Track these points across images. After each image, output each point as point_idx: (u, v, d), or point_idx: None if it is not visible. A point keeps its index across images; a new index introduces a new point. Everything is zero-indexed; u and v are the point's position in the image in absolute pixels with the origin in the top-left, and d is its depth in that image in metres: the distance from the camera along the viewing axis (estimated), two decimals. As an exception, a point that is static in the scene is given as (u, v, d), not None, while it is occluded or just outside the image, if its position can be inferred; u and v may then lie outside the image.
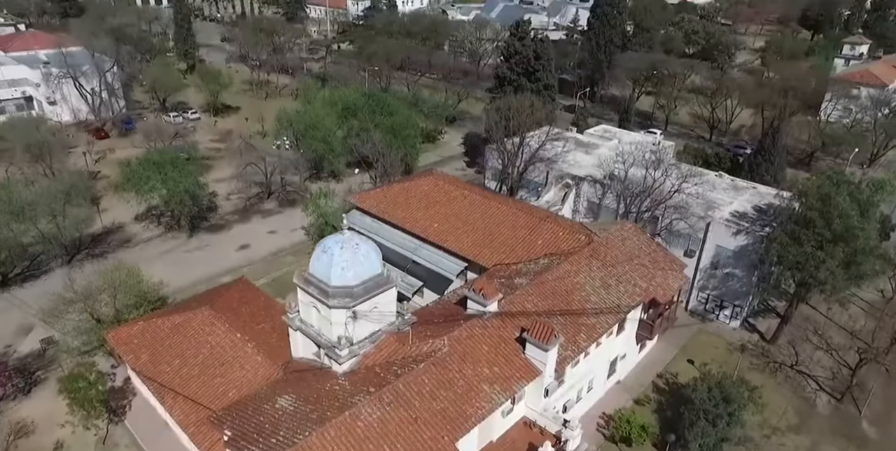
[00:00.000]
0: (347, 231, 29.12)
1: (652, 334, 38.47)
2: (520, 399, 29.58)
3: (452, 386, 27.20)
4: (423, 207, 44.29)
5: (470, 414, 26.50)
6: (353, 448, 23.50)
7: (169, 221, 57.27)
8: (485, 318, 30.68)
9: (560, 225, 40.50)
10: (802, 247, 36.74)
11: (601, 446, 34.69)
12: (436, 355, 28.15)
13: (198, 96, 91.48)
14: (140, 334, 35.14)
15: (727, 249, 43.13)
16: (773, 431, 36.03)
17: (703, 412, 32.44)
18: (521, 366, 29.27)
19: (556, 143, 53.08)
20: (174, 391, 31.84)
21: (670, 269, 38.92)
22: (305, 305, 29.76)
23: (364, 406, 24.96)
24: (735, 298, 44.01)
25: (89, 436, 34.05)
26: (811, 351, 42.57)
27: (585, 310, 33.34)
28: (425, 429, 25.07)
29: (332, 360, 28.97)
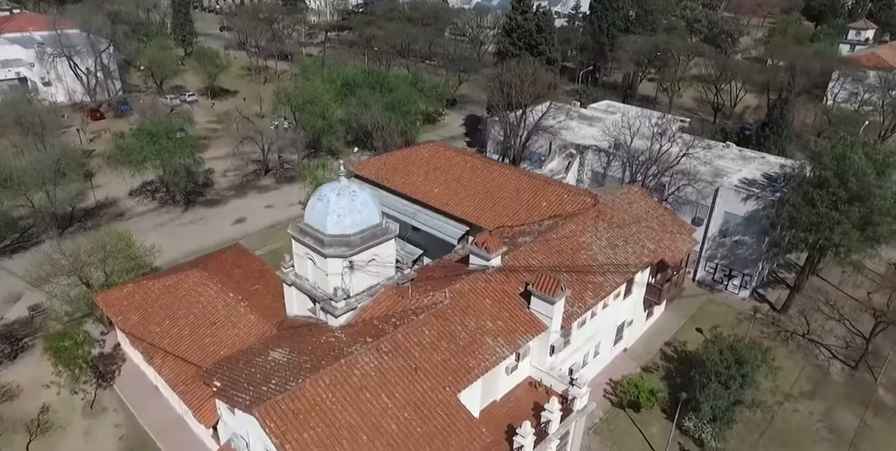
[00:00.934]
0: (345, 179, 27.90)
1: (660, 298, 37.18)
2: (524, 356, 28.29)
3: (454, 338, 25.92)
4: (423, 173, 43.02)
5: (472, 366, 25.23)
6: (349, 397, 22.22)
7: (164, 196, 56.05)
8: (488, 272, 29.42)
9: (564, 188, 39.26)
10: (816, 208, 35.47)
11: (608, 411, 33.41)
12: (436, 307, 26.90)
13: (195, 80, 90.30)
14: (130, 296, 33.89)
15: (736, 215, 41.85)
16: (785, 397, 34.75)
17: (715, 373, 31.12)
18: (526, 320, 28.00)
19: (559, 115, 51.97)
20: (164, 350, 30.62)
21: (679, 232, 37.67)
22: (300, 257, 28.51)
23: (361, 355, 23.69)
24: (744, 266, 42.73)
25: (76, 401, 32.77)
26: (823, 321, 41.39)
27: (592, 268, 32.09)
28: (425, 379, 23.80)
29: (327, 314, 27.71)
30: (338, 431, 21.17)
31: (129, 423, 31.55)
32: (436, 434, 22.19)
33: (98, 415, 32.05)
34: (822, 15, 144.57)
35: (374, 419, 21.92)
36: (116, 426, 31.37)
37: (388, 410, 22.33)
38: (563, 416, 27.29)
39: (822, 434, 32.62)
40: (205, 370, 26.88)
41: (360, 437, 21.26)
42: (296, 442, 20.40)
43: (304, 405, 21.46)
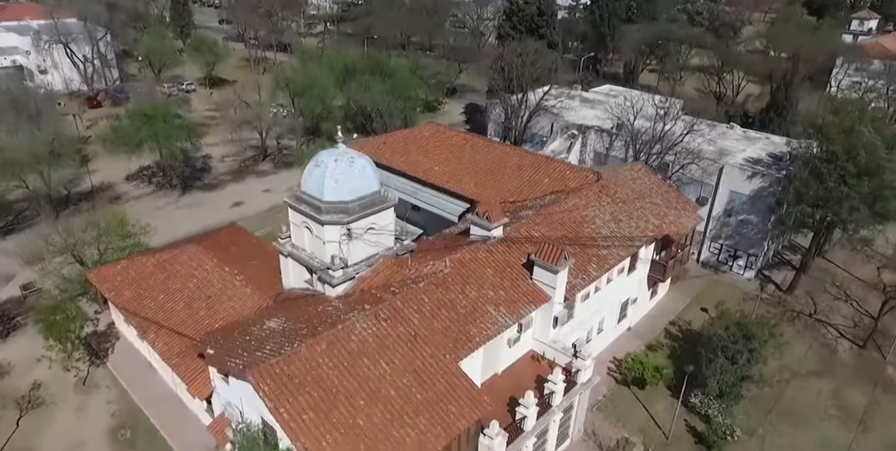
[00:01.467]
0: (342, 145, 27.20)
1: (665, 275, 36.48)
2: (527, 327, 27.58)
3: (454, 306, 25.21)
4: (423, 152, 42.33)
5: (474, 334, 24.52)
6: (346, 362, 21.52)
7: (161, 180, 55.42)
8: (489, 243, 28.73)
9: (566, 165, 38.68)
10: (824, 183, 34.77)
11: (612, 388, 32.69)
12: (437, 276, 26.19)
13: (193, 69, 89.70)
14: (123, 272, 33.15)
15: (741, 194, 41.13)
16: (793, 375, 34.02)
17: (722, 348, 30.41)
18: (529, 291, 27.29)
19: (561, 96, 51.32)
20: (157, 324, 29.89)
21: (684, 209, 36.96)
22: (297, 227, 27.82)
23: (359, 321, 22.97)
24: (750, 246, 42.01)
25: (68, 378, 32.08)
26: (830, 301, 40.76)
27: (595, 241, 31.37)
28: (425, 346, 23.08)
29: (324, 284, 27.02)
30: (334, 396, 20.47)
31: (122, 399, 30.85)
32: (436, 401, 21.48)
33: (90, 392, 31.35)
34: (824, 8, 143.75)
35: (371, 384, 21.21)
36: (109, 403, 30.67)
37: (386, 376, 21.63)
38: (567, 389, 26.64)
39: (831, 412, 31.90)
40: (199, 340, 26.20)
41: (358, 402, 20.55)
42: (290, 406, 19.70)
43: (299, 370, 20.76)
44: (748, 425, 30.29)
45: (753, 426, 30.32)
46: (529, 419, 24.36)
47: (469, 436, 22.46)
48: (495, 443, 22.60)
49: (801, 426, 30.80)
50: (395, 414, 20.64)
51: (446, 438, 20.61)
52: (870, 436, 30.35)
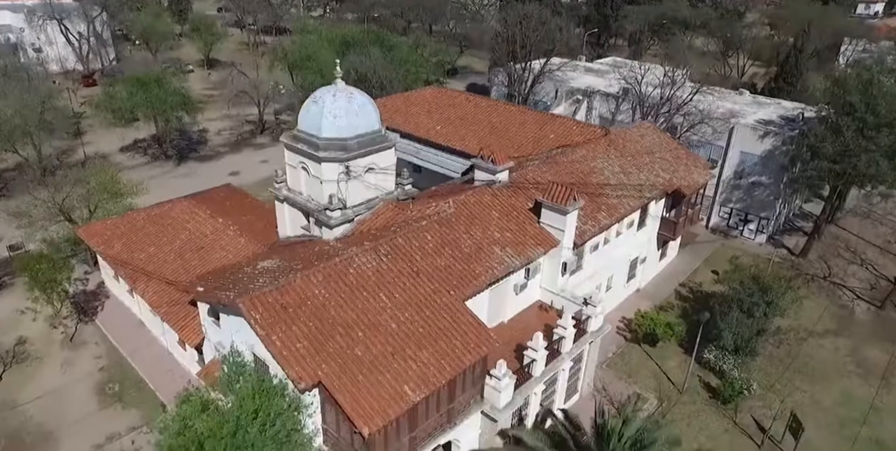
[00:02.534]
0: (341, 81, 25.94)
1: (675, 233, 35.21)
2: (534, 273, 26.27)
3: (458, 245, 23.93)
4: (424, 112, 41.08)
5: (479, 273, 23.23)
6: (344, 294, 20.23)
7: (156, 151, 54.18)
8: (495, 187, 27.46)
9: (572, 121, 37.54)
10: (841, 136, 33.49)
11: (622, 346, 31.40)
12: (440, 215, 24.93)
13: (192, 51, 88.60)
14: (113, 227, 31.84)
15: (753, 155, 39.83)
16: (809, 333, 32.72)
17: (738, 301, 29.15)
18: (536, 234, 26.00)
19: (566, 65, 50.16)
20: (147, 274, 28.61)
21: (694, 165, 35.69)
22: (293, 168, 26.58)
23: (357, 256, 21.69)
24: (761, 209, 40.70)
25: (55, 334, 30.80)
26: (844, 265, 39.54)
27: (605, 190, 30.11)
28: (428, 282, 21.79)
29: (322, 227, 25.76)
30: (331, 326, 19.18)
31: (111, 355, 29.52)
32: (440, 335, 20.18)
33: (77, 348, 30.03)
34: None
35: (370, 316, 19.93)
36: (97, 358, 29.34)
37: (386, 309, 20.34)
38: (577, 337, 25.35)
39: (850, 368, 30.59)
40: (189, 282, 24.93)
41: (356, 333, 19.26)
42: (283, 334, 18.40)
43: (293, 299, 19.48)
44: (765, 381, 29.01)
45: (770, 382, 29.02)
46: (538, 363, 23.06)
47: (475, 377, 21.17)
48: (502, 384, 21.30)
49: (819, 382, 29.49)
50: (396, 347, 19.35)
51: (451, 372, 19.31)
52: (893, 391, 29.04)
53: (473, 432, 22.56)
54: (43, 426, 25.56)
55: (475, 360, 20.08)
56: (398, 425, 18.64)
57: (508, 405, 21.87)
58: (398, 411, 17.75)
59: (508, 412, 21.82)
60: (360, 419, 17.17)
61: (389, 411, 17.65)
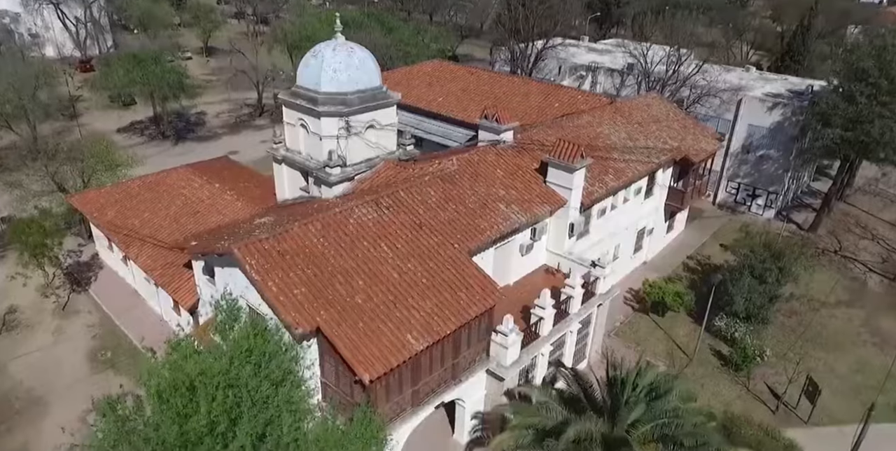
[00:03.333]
0: (341, 36, 25.12)
1: (683, 203, 34.40)
2: (541, 233, 25.41)
3: (463, 201, 23.11)
4: (425, 85, 40.25)
5: (484, 228, 22.40)
6: (344, 243, 19.40)
7: (153, 132, 53.41)
8: (499, 147, 26.65)
9: (577, 91, 36.73)
10: (854, 103, 32.65)
11: (630, 316, 30.57)
12: (443, 172, 24.12)
13: (191, 40, 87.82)
14: (107, 195, 31.11)
15: (761, 127, 39.04)
16: (821, 304, 31.88)
17: (749, 267, 28.34)
18: (543, 193, 25.18)
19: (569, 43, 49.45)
20: (142, 239, 27.79)
21: (702, 135, 34.90)
22: (291, 127, 25.76)
23: (358, 207, 20.88)
24: (770, 184, 39.90)
25: (47, 303, 29.96)
26: (855, 240, 38.75)
27: (611, 155, 29.29)
28: (432, 235, 20.96)
29: (321, 186, 24.93)
30: (330, 274, 18.34)
31: (104, 324, 28.67)
32: (443, 287, 19.34)
33: (69, 316, 29.19)
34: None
35: (371, 266, 19.09)
36: (89, 327, 28.49)
37: (388, 259, 19.51)
38: (585, 298, 24.51)
39: (865, 338, 29.77)
40: (183, 238, 24.11)
41: (356, 282, 18.42)
42: (279, 280, 17.58)
43: (290, 247, 18.66)
44: (777, 349, 28.16)
45: (783, 351, 28.17)
46: (546, 321, 22.21)
47: (480, 332, 20.33)
48: (509, 340, 20.45)
49: (834, 350, 28.65)
50: (398, 296, 18.51)
51: (455, 323, 18.46)
52: (909, 360, 28.23)
53: (479, 392, 21.71)
54: (33, 391, 24.72)
55: (480, 311, 19.24)
56: (400, 376, 17.81)
57: (515, 363, 21.03)
58: (400, 358, 16.92)
59: (515, 371, 20.98)
60: (360, 366, 16.33)
61: (391, 358, 16.81)
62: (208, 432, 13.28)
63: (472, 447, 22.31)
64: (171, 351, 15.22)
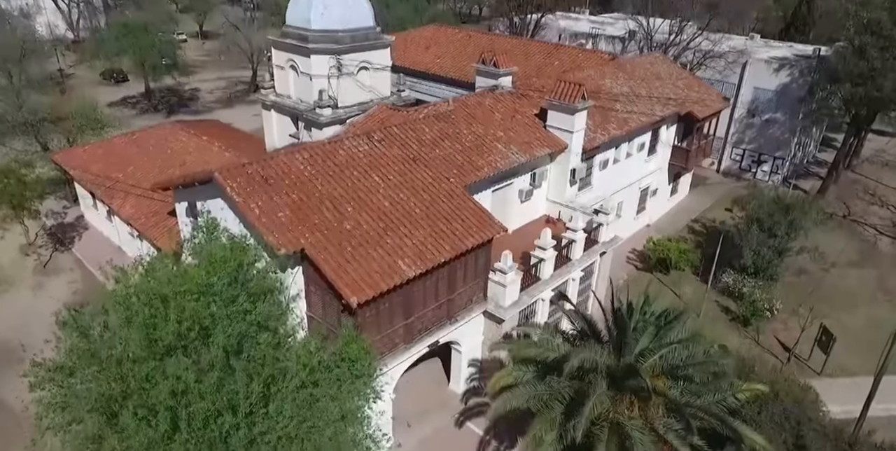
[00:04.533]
0: (331, -28, 24.11)
1: (688, 163, 33.31)
2: (541, 180, 24.35)
3: (459, 139, 22.04)
4: (422, 48, 39.15)
5: (481, 165, 21.33)
6: (332, 172, 18.32)
7: (145, 106, 52.33)
8: (497, 92, 25.60)
9: (578, 49, 35.64)
10: (865, 57, 31.58)
11: (633, 275, 29.50)
12: (439, 112, 23.06)
13: (187, 24, 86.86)
14: (91, 151, 30.09)
15: (767, 90, 37.98)
16: (831, 265, 30.78)
17: (758, 221, 27.29)
18: (543, 137, 24.12)
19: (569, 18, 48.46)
20: (125, 191, 26.73)
21: (707, 94, 33.85)
22: (281, 70, 24.76)
23: (348, 139, 19.83)
24: (776, 149, 38.84)
25: (28, 262, 28.86)
26: (864, 206, 37.70)
27: (614, 106, 28.23)
28: (426, 169, 19.90)
29: (311, 130, 23.91)
30: (318, 200, 17.26)
31: (86, 280, 27.54)
32: (438, 218, 18.26)
33: (51, 274, 28.08)
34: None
35: (362, 194, 18.01)
36: (71, 283, 27.40)
37: (379, 189, 18.43)
38: (588, 246, 23.43)
39: (878, 296, 28.69)
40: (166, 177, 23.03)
41: (345, 208, 17.34)
42: (263, 203, 16.48)
43: (275, 173, 17.58)
44: (788, 306, 27.05)
45: (793, 308, 27.06)
46: (546, 264, 21.15)
47: (478, 268, 19.24)
48: (508, 278, 19.36)
49: (845, 308, 27.52)
50: (390, 224, 17.43)
51: (450, 252, 17.37)
52: (925, 317, 27.15)
53: (476, 338, 20.63)
54: (9, 342, 23.57)
55: (478, 243, 18.15)
56: (391, 307, 16.71)
57: (514, 305, 19.94)
58: (390, 283, 15.82)
59: (514, 312, 19.88)
60: (347, 289, 15.24)
61: (381, 282, 15.73)
62: (178, 343, 12.21)
63: (468, 396, 21.22)
64: (141, 267, 14.21)
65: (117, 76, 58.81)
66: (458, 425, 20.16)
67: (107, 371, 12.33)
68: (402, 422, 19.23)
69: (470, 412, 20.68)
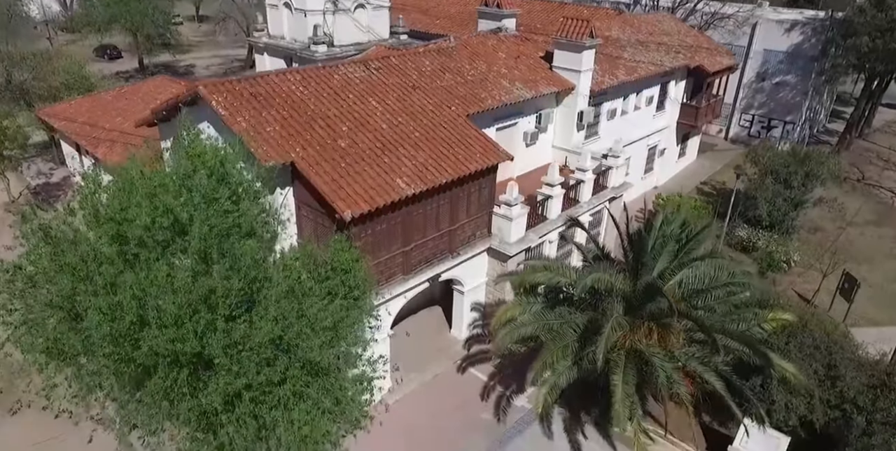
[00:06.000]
0: None
1: (697, 120, 32.12)
2: (546, 123, 23.16)
3: (461, 73, 20.84)
4: (421, 12, 37.90)
5: (484, 97, 20.13)
6: (327, 94, 17.13)
7: (138, 80, 51.02)
8: (500, 34, 24.43)
9: (584, 6, 34.51)
10: (883, 9, 30.46)
11: (642, 232, 28.26)
12: (439, 47, 21.88)
13: (183, 8, 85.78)
14: (77, 106, 28.81)
15: (777, 52, 36.82)
16: (848, 223, 29.63)
17: (773, 173, 26.13)
18: (549, 76, 22.95)
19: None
20: (112, 139, 25.54)
21: (717, 51, 32.71)
22: (274, 9, 23.60)
23: (344, 65, 18.63)
24: (787, 112, 37.67)
25: (8, 218, 27.62)
26: (878, 171, 36.54)
27: (622, 55, 27.07)
28: (426, 97, 18.71)
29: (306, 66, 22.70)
30: (310, 118, 16.07)
31: (71, 235, 26.37)
32: (439, 142, 17.07)
33: (34, 228, 26.89)
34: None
35: (357, 116, 16.83)
36: (55, 238, 26.18)
37: (377, 113, 17.24)
38: (596, 190, 22.26)
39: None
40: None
41: (340, 127, 16.15)
42: (251, 117, 15.29)
43: (265, 91, 16.39)
44: (805, 261, 25.87)
45: (810, 262, 25.87)
46: (554, 201, 19.97)
47: (481, 199, 18.05)
48: (514, 212, 18.17)
49: (865, 263, 26.31)
50: (388, 145, 16.24)
51: (451, 174, 16.16)
52: (947, 271, 25.98)
53: (479, 278, 19.43)
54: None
55: (481, 168, 16.96)
56: (388, 230, 15.51)
57: (520, 241, 18.73)
58: (387, 199, 14.63)
59: (519, 249, 18.66)
60: (340, 203, 14.05)
61: (377, 198, 14.54)
62: (150, 240, 10.98)
63: (470, 343, 20.00)
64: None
65: (111, 52, 57.69)
66: (461, 370, 18.94)
67: (70, 270, 11.11)
68: (401, 366, 17.98)
69: (473, 358, 19.46)
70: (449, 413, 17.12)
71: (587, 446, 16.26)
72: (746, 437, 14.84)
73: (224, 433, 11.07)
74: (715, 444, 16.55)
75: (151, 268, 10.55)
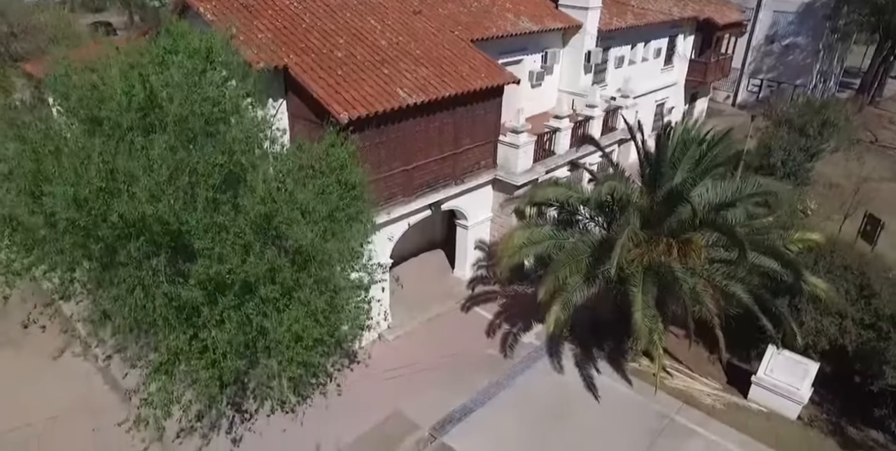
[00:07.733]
0: None
1: (705, 76, 31.13)
2: (553, 62, 22.16)
3: (465, 4, 19.89)
4: None
5: (488, 26, 19.16)
6: (324, 12, 16.14)
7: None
8: (504, -26, 23.43)
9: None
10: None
11: (651, 187, 27.28)
12: (440, -20, 20.88)
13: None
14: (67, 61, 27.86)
15: (787, 13, 35.89)
16: (864, 180, 28.60)
17: (787, 122, 25.15)
18: (555, 14, 21.98)
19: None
20: (99, 87, 24.51)
21: (726, 7, 31.76)
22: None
23: (340, -12, 17.66)
24: (797, 76, 36.71)
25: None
26: (891, 135, 35.57)
27: (630, 2, 26.10)
28: (428, 21, 17.74)
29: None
30: (305, 30, 15.10)
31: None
32: (441, 61, 16.09)
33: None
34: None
35: (355, 31, 15.85)
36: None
37: (375, 30, 16.26)
38: (605, 131, 21.29)
39: (917, 205, 26.56)
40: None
41: (337, 40, 15.17)
42: (242, 25, 14.28)
43: (258, 2, 15.43)
44: (822, 212, 24.87)
45: (828, 214, 24.88)
46: (562, 135, 19.00)
47: (487, 126, 17.05)
48: (521, 139, 17.19)
49: (884, 214, 25.10)
50: (388, 60, 15.26)
51: (454, 89, 15.16)
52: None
53: (484, 212, 18.43)
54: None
55: (486, 86, 15.96)
56: (388, 145, 14.49)
57: (527, 173, 17.74)
58: (386, 106, 13.63)
59: (526, 179, 17.66)
60: (337, 106, 13.05)
61: (376, 104, 13.55)
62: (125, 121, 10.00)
63: (475, 284, 18.99)
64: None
65: (106, 30, 56.70)
66: (465, 310, 17.92)
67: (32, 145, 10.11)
68: (402, 306, 16.94)
69: (477, 298, 18.46)
70: (453, 349, 16.10)
71: (600, 379, 15.25)
72: (773, 363, 13.84)
73: (208, 335, 10.09)
74: (736, 379, 15.56)
75: (124, 140, 9.59)
